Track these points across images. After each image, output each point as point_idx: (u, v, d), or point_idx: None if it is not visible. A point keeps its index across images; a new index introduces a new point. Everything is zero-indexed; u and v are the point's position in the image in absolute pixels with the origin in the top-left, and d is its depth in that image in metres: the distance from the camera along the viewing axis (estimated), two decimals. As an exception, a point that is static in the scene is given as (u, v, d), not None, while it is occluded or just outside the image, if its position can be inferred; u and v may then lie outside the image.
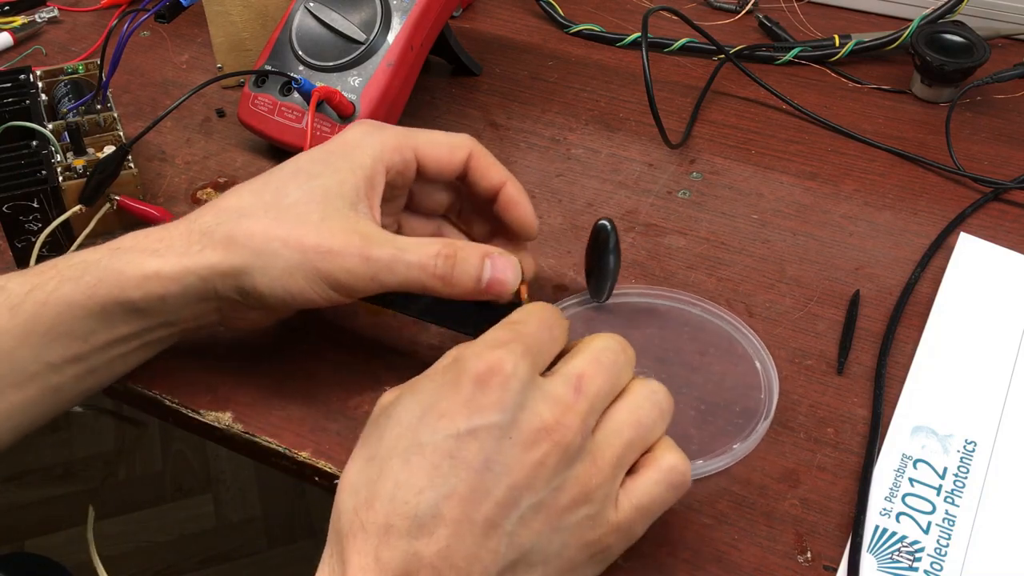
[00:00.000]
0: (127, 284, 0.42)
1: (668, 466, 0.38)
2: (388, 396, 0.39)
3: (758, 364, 0.49)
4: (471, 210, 0.50)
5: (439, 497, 0.34)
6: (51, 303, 0.42)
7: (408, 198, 0.49)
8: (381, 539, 0.35)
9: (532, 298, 0.45)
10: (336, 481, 0.45)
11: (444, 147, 0.46)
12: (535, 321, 0.39)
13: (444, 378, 0.37)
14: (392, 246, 0.42)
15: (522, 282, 0.45)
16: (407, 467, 0.35)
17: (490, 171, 0.47)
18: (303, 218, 0.42)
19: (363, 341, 0.51)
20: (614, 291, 0.51)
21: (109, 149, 0.57)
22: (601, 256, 0.47)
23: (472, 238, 0.51)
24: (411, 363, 0.50)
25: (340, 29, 0.60)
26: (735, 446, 0.45)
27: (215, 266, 0.42)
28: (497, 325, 0.39)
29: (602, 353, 0.38)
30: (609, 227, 0.46)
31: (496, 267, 0.43)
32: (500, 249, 0.44)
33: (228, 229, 0.42)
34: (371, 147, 0.44)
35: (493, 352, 0.36)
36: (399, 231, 0.49)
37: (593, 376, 0.37)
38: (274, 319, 0.48)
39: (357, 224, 0.42)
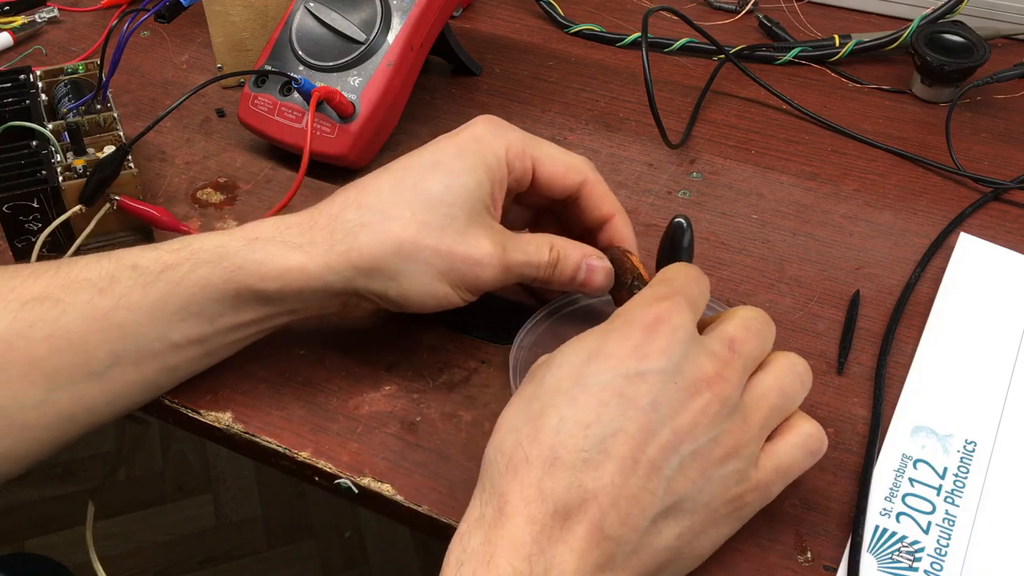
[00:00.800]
0: (267, 275, 0.43)
1: (807, 432, 0.41)
2: (542, 358, 0.40)
3: None
4: (571, 223, 0.50)
5: (607, 433, 0.36)
6: (185, 284, 0.43)
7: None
8: (546, 470, 0.36)
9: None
10: (336, 481, 0.45)
11: (560, 165, 0.47)
12: (684, 277, 0.41)
13: (610, 327, 0.39)
14: (520, 251, 0.45)
15: (631, 256, 0.48)
16: (574, 403, 0.37)
17: (602, 203, 0.48)
18: (448, 224, 0.43)
19: (363, 342, 0.51)
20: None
21: (109, 149, 0.57)
22: (674, 253, 0.47)
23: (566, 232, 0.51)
24: (411, 363, 0.50)
25: (340, 29, 0.60)
26: None
27: (361, 268, 0.43)
28: (652, 282, 0.42)
29: (751, 321, 0.41)
30: (685, 224, 0.47)
31: (592, 271, 0.47)
32: (599, 252, 0.47)
33: (375, 232, 0.43)
34: (499, 147, 0.46)
35: (660, 304, 0.39)
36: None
37: (744, 340, 0.40)
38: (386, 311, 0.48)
39: (493, 230, 0.45)
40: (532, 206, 0.51)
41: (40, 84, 0.61)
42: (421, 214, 0.43)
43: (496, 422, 0.39)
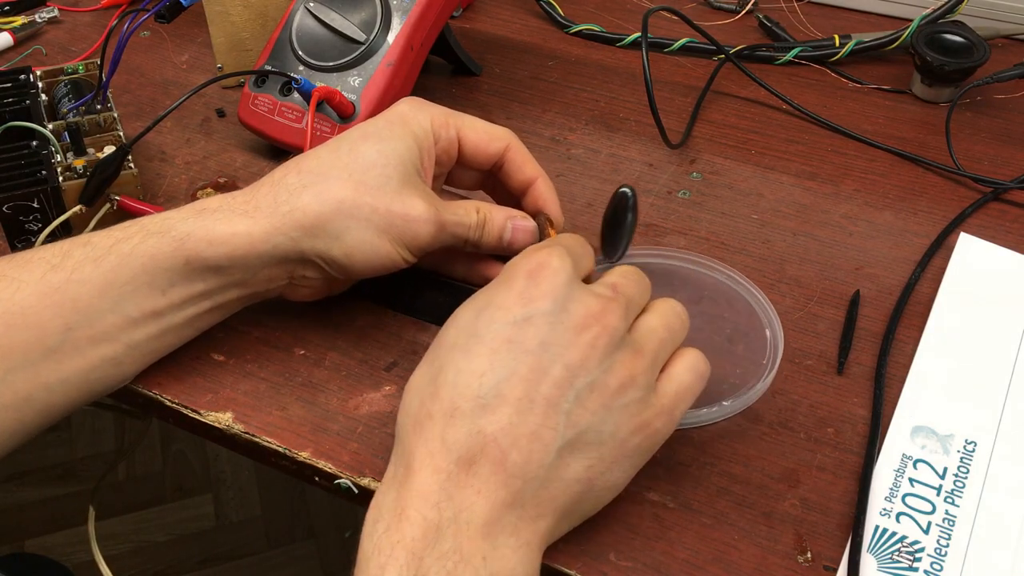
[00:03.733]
0: (215, 240, 0.44)
1: (693, 356, 0.43)
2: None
3: (754, 306, 0.52)
4: (501, 193, 0.53)
5: (500, 378, 0.38)
6: (135, 255, 0.44)
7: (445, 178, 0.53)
8: (447, 422, 0.38)
9: None
10: (336, 481, 0.45)
11: (483, 135, 0.50)
12: (568, 237, 0.44)
13: (497, 281, 0.41)
14: (450, 212, 0.47)
15: (551, 226, 0.50)
16: (467, 356, 0.39)
17: (525, 167, 0.50)
18: (384, 184, 0.45)
19: (363, 342, 0.51)
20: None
21: (109, 149, 0.57)
22: (617, 215, 0.49)
23: None
24: (411, 363, 0.50)
25: (340, 29, 0.60)
26: (757, 385, 0.48)
27: (306, 226, 0.45)
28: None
29: (627, 274, 0.43)
30: (630, 192, 0.48)
31: (516, 228, 0.49)
32: (523, 214, 0.50)
33: (316, 192, 0.45)
34: (423, 119, 0.48)
35: (540, 252, 0.41)
36: None
37: (625, 285, 0.42)
38: (330, 291, 0.50)
39: (426, 193, 0.47)
40: (463, 184, 0.53)
41: (40, 84, 0.61)
42: (358, 174, 0.45)
43: (406, 386, 0.41)
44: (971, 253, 0.56)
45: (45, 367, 0.43)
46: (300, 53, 0.61)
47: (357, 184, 0.45)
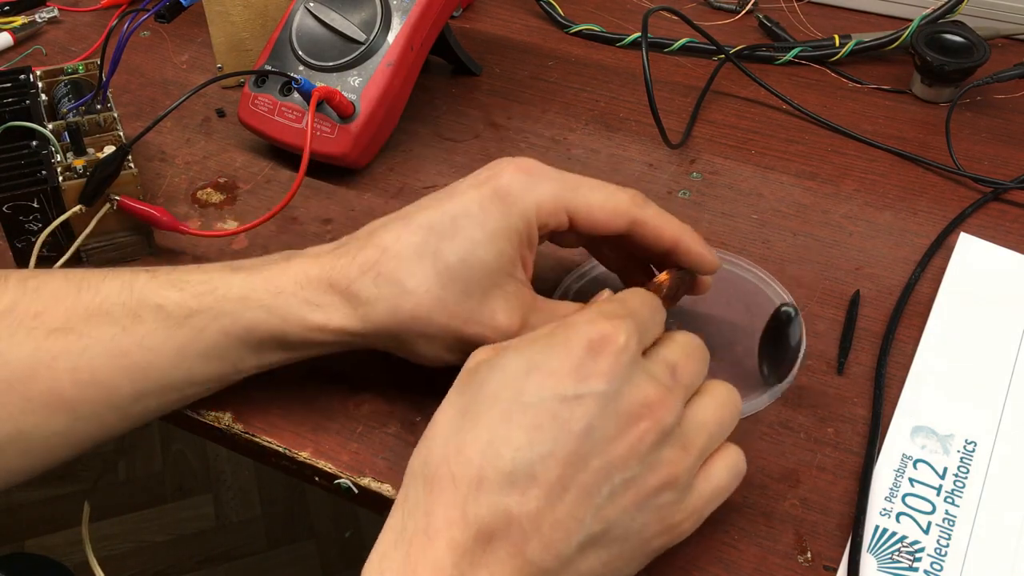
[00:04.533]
0: (289, 330, 0.43)
1: (733, 455, 0.40)
2: (483, 353, 0.40)
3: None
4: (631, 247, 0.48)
5: (537, 457, 0.35)
6: (209, 331, 0.43)
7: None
8: (471, 492, 0.35)
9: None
10: (336, 481, 0.45)
11: (601, 214, 0.44)
12: (638, 300, 0.40)
13: (552, 339, 0.38)
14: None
15: (668, 302, 0.45)
16: (507, 423, 0.36)
17: (661, 234, 0.45)
18: (463, 300, 0.42)
19: (363, 341, 0.51)
20: None
21: (109, 149, 0.57)
22: (781, 336, 0.47)
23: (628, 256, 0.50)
24: (411, 364, 0.50)
25: (340, 29, 0.60)
26: (781, 383, 0.48)
27: (378, 335, 0.43)
28: (606, 299, 0.41)
29: (690, 347, 0.40)
30: (793, 312, 0.46)
31: None
32: None
33: (390, 307, 0.42)
34: (527, 206, 0.43)
35: (608, 322, 0.37)
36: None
37: (686, 367, 0.39)
38: None
39: (515, 300, 0.43)
40: (573, 244, 0.49)
41: (40, 84, 0.61)
42: (436, 290, 0.42)
43: (431, 422, 0.38)
44: (971, 253, 0.56)
45: (111, 416, 0.44)
46: (300, 53, 0.61)
47: (433, 301, 0.42)
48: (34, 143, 0.55)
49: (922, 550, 0.42)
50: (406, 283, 0.42)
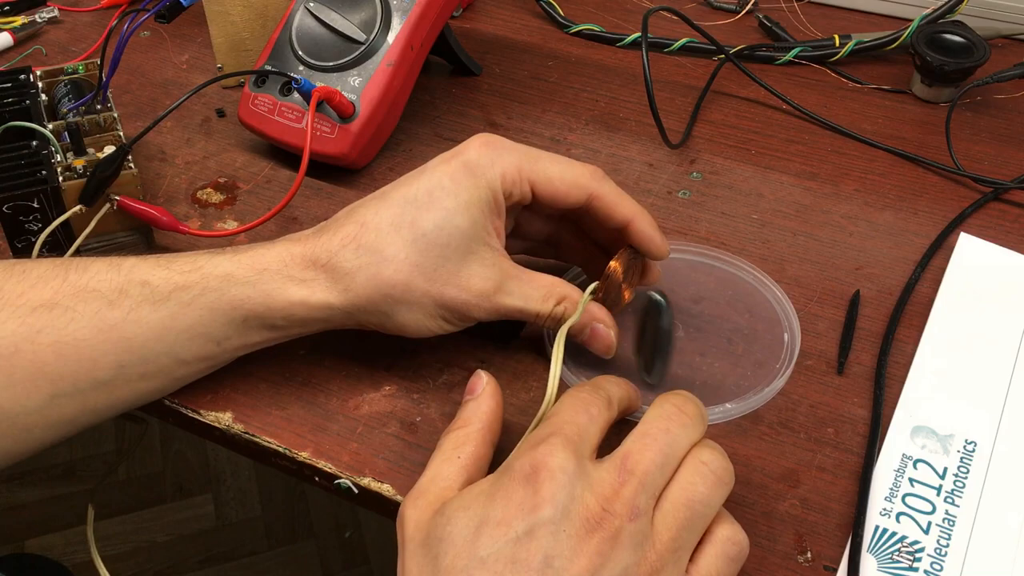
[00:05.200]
0: (273, 306, 0.44)
1: (723, 538, 0.38)
2: (417, 512, 0.38)
3: (776, 306, 0.52)
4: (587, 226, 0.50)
5: None
6: (194, 306, 0.44)
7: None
8: None
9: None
10: (336, 481, 0.45)
11: (561, 184, 0.46)
12: (567, 409, 0.39)
13: (493, 488, 0.37)
14: (518, 296, 0.45)
15: (626, 285, 0.48)
16: None
17: (615, 211, 0.47)
18: (441, 265, 0.44)
19: (363, 342, 0.51)
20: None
21: (109, 149, 0.57)
22: (649, 327, 0.47)
23: (589, 244, 0.51)
24: (411, 364, 0.50)
25: (340, 29, 0.60)
26: (776, 381, 0.48)
27: (359, 306, 0.45)
28: (534, 424, 0.41)
29: (651, 424, 0.39)
30: (662, 299, 0.46)
31: (595, 336, 0.47)
32: (609, 322, 0.47)
33: (370, 276, 0.44)
34: (493, 176, 0.45)
35: (537, 449, 0.37)
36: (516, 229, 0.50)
37: (640, 452, 0.37)
38: None
39: (490, 267, 0.45)
40: (534, 233, 0.51)
41: (40, 84, 0.61)
42: (415, 256, 0.44)
43: None
44: (971, 253, 0.56)
45: (93, 395, 0.44)
46: (300, 53, 0.61)
47: (412, 267, 0.44)
48: (34, 143, 0.55)
49: (922, 550, 0.42)
50: (385, 251, 0.44)
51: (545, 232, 0.51)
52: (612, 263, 0.47)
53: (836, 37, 0.72)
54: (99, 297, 0.43)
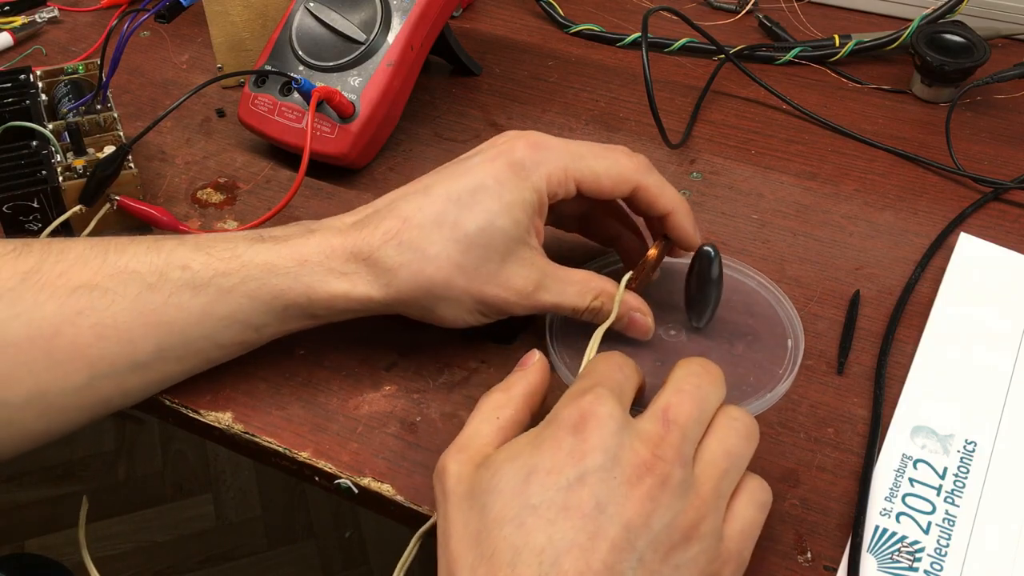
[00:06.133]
0: (314, 298, 0.45)
1: (752, 487, 0.40)
2: (459, 466, 0.38)
3: (778, 309, 0.52)
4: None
5: (561, 551, 0.34)
6: (235, 293, 0.44)
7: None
8: None
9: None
10: (336, 481, 0.45)
11: (607, 181, 0.47)
12: (603, 365, 0.41)
13: (539, 439, 0.38)
14: (555, 293, 0.46)
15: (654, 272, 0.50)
16: (522, 530, 0.35)
17: (656, 203, 0.48)
18: (481, 265, 0.45)
19: (363, 342, 0.51)
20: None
21: (109, 149, 0.57)
22: (702, 276, 0.48)
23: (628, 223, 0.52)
24: (411, 363, 0.50)
25: (340, 29, 0.60)
26: (779, 386, 0.48)
27: (400, 300, 0.45)
28: (575, 381, 0.41)
29: (683, 381, 0.40)
30: (713, 251, 0.47)
31: (633, 324, 0.48)
32: (645, 309, 0.48)
33: (413, 273, 0.44)
34: (538, 178, 0.45)
35: (582, 399, 0.38)
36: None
37: (678, 405, 0.38)
38: None
39: (530, 267, 0.46)
40: (567, 220, 0.52)
41: (40, 84, 0.61)
42: (456, 256, 0.44)
43: (447, 550, 0.37)
44: (971, 253, 0.56)
45: (130, 377, 0.44)
46: (300, 53, 0.61)
47: (454, 266, 0.44)
48: (34, 143, 0.55)
49: (922, 550, 0.42)
50: (427, 250, 0.44)
51: (577, 212, 0.52)
52: (650, 251, 0.49)
53: (836, 37, 0.72)
54: (139, 279, 0.43)
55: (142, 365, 0.44)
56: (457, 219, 0.44)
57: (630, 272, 0.48)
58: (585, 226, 0.53)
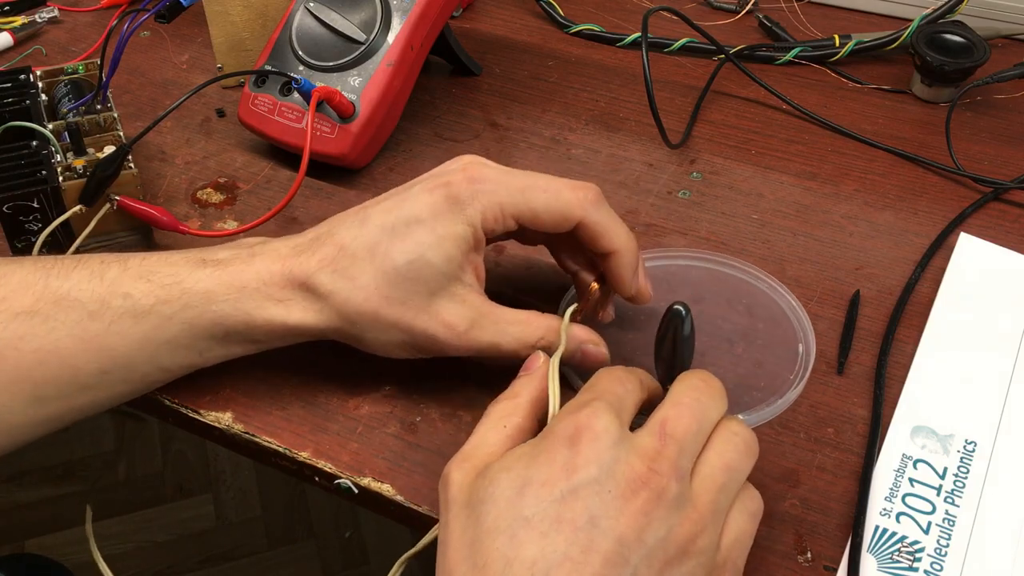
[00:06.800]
0: (252, 323, 0.45)
1: (744, 496, 0.39)
2: (462, 475, 0.38)
3: (790, 314, 0.51)
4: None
5: (554, 564, 0.34)
6: (175, 320, 0.44)
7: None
8: None
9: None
10: (336, 481, 0.45)
11: (547, 218, 0.45)
12: (605, 380, 0.40)
13: (535, 450, 0.37)
14: (493, 333, 0.45)
15: (606, 302, 0.48)
16: (514, 542, 0.35)
17: (599, 241, 0.46)
18: (409, 299, 0.44)
19: (363, 341, 0.51)
20: (652, 254, 0.52)
21: (109, 149, 0.57)
22: (669, 336, 0.45)
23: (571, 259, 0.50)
24: (411, 363, 0.50)
25: (340, 29, 0.60)
26: (790, 392, 0.48)
27: (332, 327, 0.45)
28: (576, 395, 0.41)
29: (682, 395, 0.39)
30: (684, 310, 0.44)
31: (587, 357, 0.47)
32: (595, 340, 0.46)
33: (343, 300, 0.44)
34: (473, 214, 0.44)
35: (579, 413, 0.37)
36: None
37: (676, 418, 0.38)
38: None
39: (461, 305, 0.45)
40: (527, 240, 0.50)
41: (40, 84, 0.61)
42: (385, 288, 0.44)
43: (444, 558, 0.37)
44: (971, 253, 0.56)
45: (78, 397, 0.45)
46: (300, 53, 0.61)
47: (382, 299, 0.44)
48: (34, 143, 0.55)
49: (922, 550, 0.42)
50: (358, 279, 0.44)
51: (539, 240, 0.50)
52: (593, 285, 0.47)
53: (836, 37, 0.72)
54: (80, 307, 0.44)
55: (88, 387, 0.44)
56: (388, 250, 0.44)
57: (574, 305, 0.47)
58: (549, 247, 0.51)
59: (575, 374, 0.48)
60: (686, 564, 0.36)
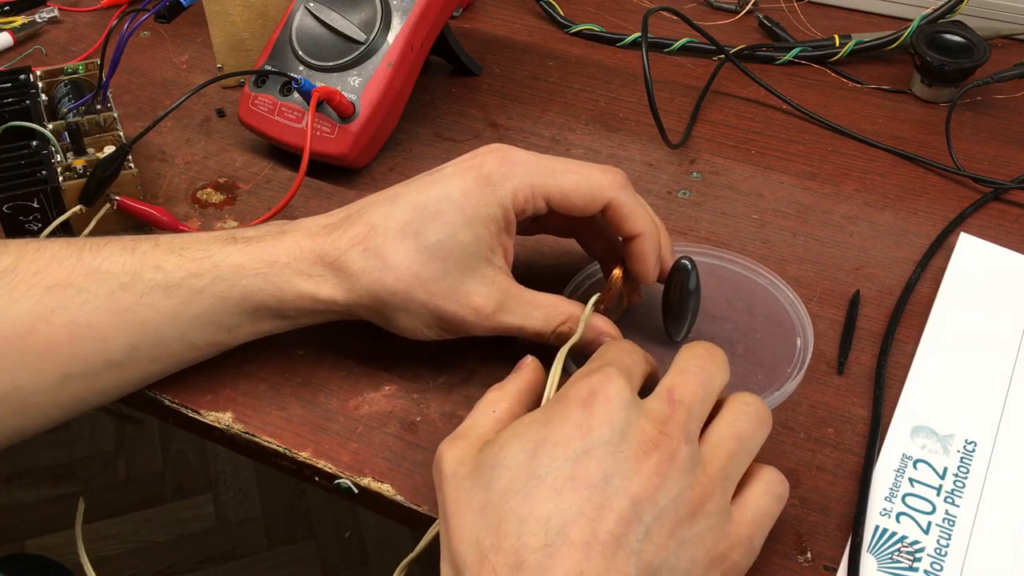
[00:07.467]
0: (283, 299, 0.45)
1: (769, 478, 0.40)
2: (457, 451, 0.39)
3: (788, 309, 0.52)
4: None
5: (568, 520, 0.35)
6: (206, 294, 0.45)
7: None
8: (514, 575, 0.35)
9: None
10: (336, 481, 0.45)
11: (577, 199, 0.46)
12: (613, 350, 0.41)
13: (547, 414, 0.38)
14: (518, 315, 0.46)
15: (629, 290, 0.49)
16: (528, 501, 0.35)
17: (624, 223, 0.46)
18: (441, 279, 0.44)
19: (363, 342, 0.51)
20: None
21: (109, 149, 0.57)
22: (677, 290, 0.48)
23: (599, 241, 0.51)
24: (411, 364, 0.50)
25: (340, 29, 0.60)
26: (787, 384, 0.48)
27: (363, 305, 0.45)
28: (587, 362, 0.41)
29: (687, 363, 0.40)
30: (690, 264, 0.47)
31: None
32: (614, 333, 0.47)
33: (374, 280, 0.44)
34: (504, 194, 0.45)
35: (591, 377, 0.38)
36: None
37: (683, 385, 0.39)
38: None
39: (491, 286, 0.45)
40: (553, 230, 0.51)
41: (40, 84, 0.61)
42: (416, 267, 0.44)
43: (447, 529, 0.37)
44: (971, 253, 0.56)
45: (104, 375, 0.45)
46: (300, 53, 0.61)
47: (413, 278, 0.44)
48: (34, 143, 0.55)
49: (922, 550, 0.42)
50: (389, 258, 0.44)
51: (565, 226, 0.51)
52: (615, 271, 0.48)
53: (836, 37, 0.72)
54: (112, 278, 0.44)
55: (116, 364, 0.44)
56: (419, 229, 0.44)
57: (597, 295, 0.47)
58: (576, 237, 0.52)
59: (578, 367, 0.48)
60: (696, 526, 0.37)
